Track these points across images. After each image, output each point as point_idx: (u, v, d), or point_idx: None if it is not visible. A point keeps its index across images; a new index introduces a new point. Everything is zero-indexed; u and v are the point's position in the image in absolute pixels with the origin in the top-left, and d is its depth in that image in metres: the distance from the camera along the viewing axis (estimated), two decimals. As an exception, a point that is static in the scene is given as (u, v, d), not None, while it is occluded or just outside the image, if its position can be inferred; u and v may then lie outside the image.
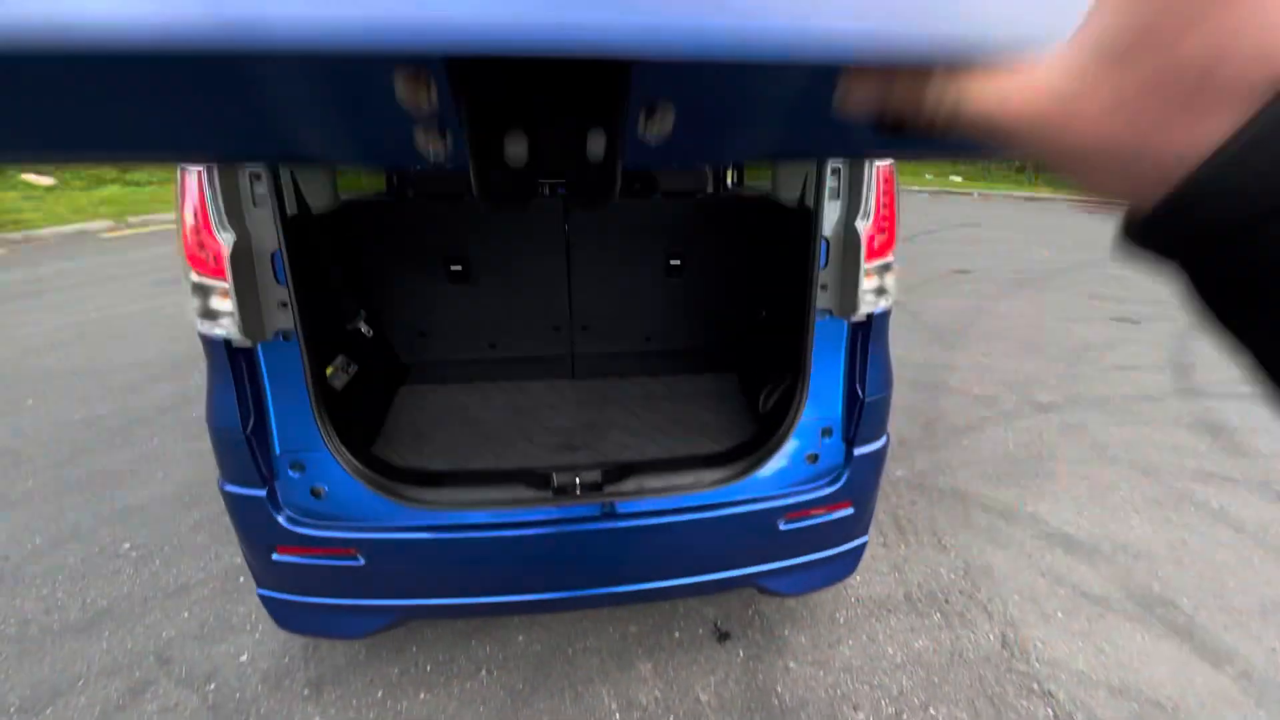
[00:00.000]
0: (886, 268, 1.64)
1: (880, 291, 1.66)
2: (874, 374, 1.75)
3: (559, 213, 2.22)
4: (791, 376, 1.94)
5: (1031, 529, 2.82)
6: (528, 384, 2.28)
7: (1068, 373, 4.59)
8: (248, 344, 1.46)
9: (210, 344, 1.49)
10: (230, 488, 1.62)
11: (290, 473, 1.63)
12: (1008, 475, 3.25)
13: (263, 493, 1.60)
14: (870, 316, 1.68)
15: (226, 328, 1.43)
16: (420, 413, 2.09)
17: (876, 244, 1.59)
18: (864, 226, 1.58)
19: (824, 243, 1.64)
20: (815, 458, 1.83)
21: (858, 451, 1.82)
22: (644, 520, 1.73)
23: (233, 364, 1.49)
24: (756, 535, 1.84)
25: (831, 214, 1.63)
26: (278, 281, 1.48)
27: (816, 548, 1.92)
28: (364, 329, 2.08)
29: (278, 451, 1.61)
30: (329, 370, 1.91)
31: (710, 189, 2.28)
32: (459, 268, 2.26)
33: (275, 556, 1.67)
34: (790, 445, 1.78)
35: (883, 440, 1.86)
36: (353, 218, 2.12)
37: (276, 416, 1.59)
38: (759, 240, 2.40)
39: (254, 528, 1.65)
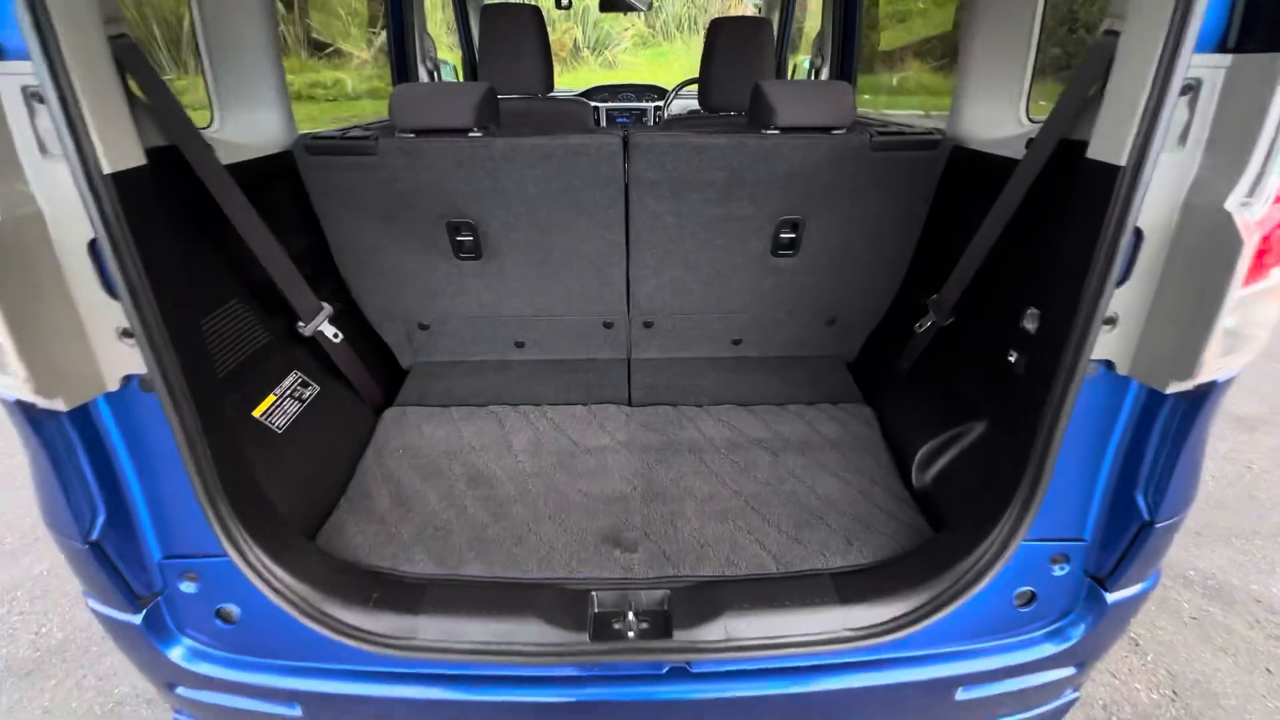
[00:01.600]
0: (1265, 295, 0.82)
1: (1237, 339, 0.84)
2: (1181, 480, 0.96)
3: (616, 155, 1.45)
4: (1006, 442, 1.17)
5: (1262, 622, 2.00)
6: (564, 411, 1.61)
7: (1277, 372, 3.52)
8: (59, 407, 0.83)
9: (6, 408, 0.87)
10: (95, 606, 1.05)
11: (181, 586, 1.03)
12: (1211, 529, 2.38)
13: (137, 619, 1.02)
14: (1208, 385, 0.88)
15: (14, 381, 0.79)
16: (407, 459, 1.46)
17: (1274, 251, 0.77)
18: (1252, 211, 0.75)
19: (1134, 236, 0.83)
20: (1030, 598, 1.09)
21: (1114, 597, 1.06)
22: (736, 687, 1.06)
23: (43, 437, 0.87)
24: (915, 707, 1.15)
25: (1171, 179, 0.80)
26: (109, 293, 0.82)
27: (1003, 715, 1.22)
28: (329, 332, 1.44)
29: (157, 557, 1.01)
30: (265, 404, 1.29)
31: (851, 124, 1.44)
32: (468, 236, 1.57)
33: (180, 691, 1.12)
34: (993, 576, 1.04)
35: (1154, 579, 1.09)
36: (309, 165, 1.43)
37: (148, 505, 0.98)
38: (934, 209, 1.57)
39: (138, 659, 1.09)
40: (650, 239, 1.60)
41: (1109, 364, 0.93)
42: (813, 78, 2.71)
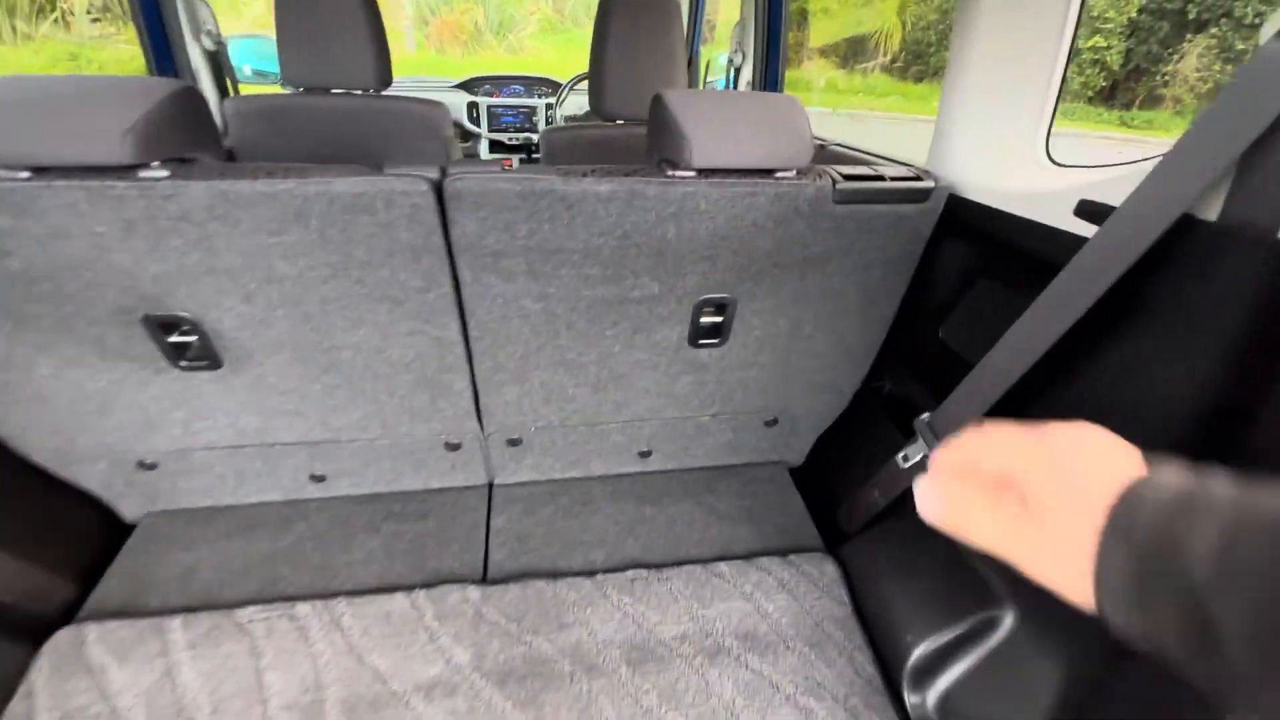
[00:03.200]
0: None
1: None
2: None
3: (424, 211, 0.83)
4: (1052, 658, 0.72)
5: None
6: (372, 607, 1.00)
7: None
8: None
9: None
10: None
11: None
12: None
13: None
14: None
15: None
16: None
17: None
18: None
19: None
20: None
21: None
22: None
23: None
24: None
25: None
26: None
27: None
28: None
29: None
30: None
31: (804, 166, 0.92)
32: (189, 337, 0.92)
33: None
34: None
35: None
36: None
37: None
38: (917, 275, 1.09)
39: None
40: (503, 334, 1.02)
41: None
42: (732, 81, 2.20)
